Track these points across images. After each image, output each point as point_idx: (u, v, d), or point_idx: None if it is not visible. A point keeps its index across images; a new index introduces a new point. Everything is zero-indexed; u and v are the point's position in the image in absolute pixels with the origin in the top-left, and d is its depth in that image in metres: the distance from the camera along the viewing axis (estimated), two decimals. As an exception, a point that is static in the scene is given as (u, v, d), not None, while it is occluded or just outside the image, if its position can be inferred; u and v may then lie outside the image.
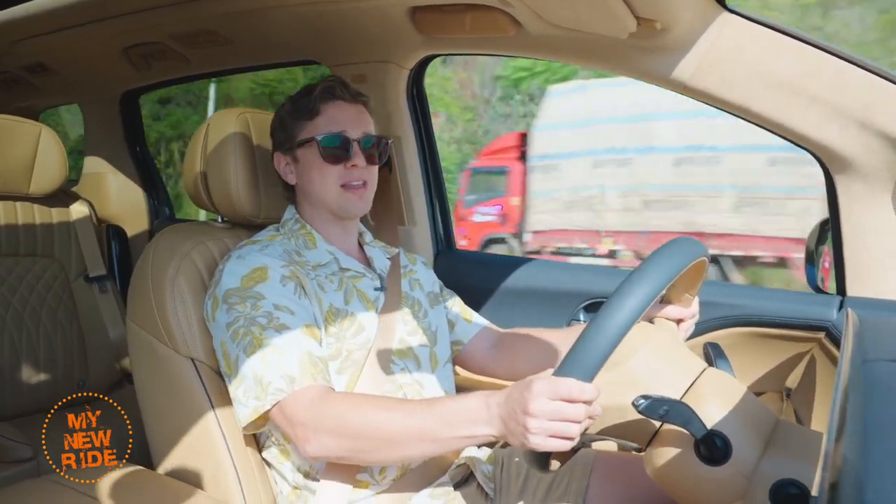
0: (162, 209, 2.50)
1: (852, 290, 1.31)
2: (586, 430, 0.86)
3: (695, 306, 1.11)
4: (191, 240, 1.24)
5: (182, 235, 1.26)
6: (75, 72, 2.12)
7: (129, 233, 2.40)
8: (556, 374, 0.83)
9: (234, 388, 1.08)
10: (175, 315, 1.17)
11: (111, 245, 2.32)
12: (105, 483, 1.10)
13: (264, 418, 1.07)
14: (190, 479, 1.17)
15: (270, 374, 1.03)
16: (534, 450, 0.85)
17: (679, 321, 1.10)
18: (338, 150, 1.21)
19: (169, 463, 1.20)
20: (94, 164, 2.43)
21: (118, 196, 2.41)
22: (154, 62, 1.94)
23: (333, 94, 1.24)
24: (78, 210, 2.10)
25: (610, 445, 1.36)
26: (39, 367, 1.91)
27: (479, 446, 1.27)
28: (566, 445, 0.84)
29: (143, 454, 1.24)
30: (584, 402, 0.82)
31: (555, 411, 0.82)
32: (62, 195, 2.08)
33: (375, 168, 1.28)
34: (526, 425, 0.84)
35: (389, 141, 1.34)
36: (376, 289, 1.26)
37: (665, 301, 1.10)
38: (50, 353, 1.94)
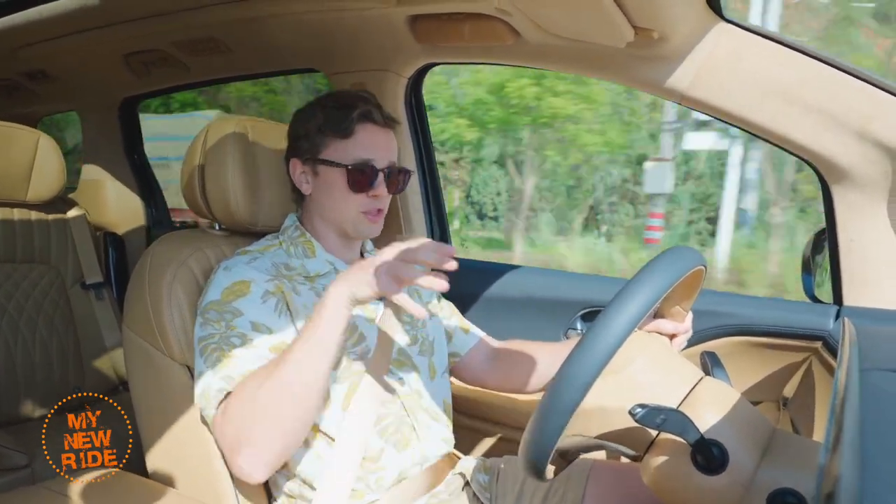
0: (159, 217, 2.50)
1: (849, 299, 1.31)
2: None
3: (688, 321, 1.09)
4: (188, 247, 1.24)
5: (179, 242, 1.25)
6: (76, 78, 2.13)
7: (127, 240, 2.40)
8: (553, 383, 0.83)
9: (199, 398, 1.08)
10: (171, 322, 1.17)
11: (108, 252, 2.32)
12: (99, 491, 1.09)
13: None
14: (185, 487, 1.17)
15: (215, 379, 1.03)
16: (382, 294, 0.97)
17: (672, 336, 1.10)
18: (364, 180, 1.20)
19: (164, 470, 1.20)
20: (92, 172, 2.44)
21: (116, 203, 2.41)
22: (154, 69, 1.95)
23: (370, 117, 1.21)
24: (75, 217, 2.10)
25: (606, 454, 1.36)
26: (35, 374, 1.91)
27: (473, 454, 1.26)
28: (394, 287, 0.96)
29: (143, 455, 1.24)
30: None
31: (399, 254, 0.96)
32: (59, 202, 2.08)
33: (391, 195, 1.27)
34: (374, 271, 0.96)
35: (410, 172, 1.31)
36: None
37: (658, 315, 1.10)
38: (46, 359, 1.94)
